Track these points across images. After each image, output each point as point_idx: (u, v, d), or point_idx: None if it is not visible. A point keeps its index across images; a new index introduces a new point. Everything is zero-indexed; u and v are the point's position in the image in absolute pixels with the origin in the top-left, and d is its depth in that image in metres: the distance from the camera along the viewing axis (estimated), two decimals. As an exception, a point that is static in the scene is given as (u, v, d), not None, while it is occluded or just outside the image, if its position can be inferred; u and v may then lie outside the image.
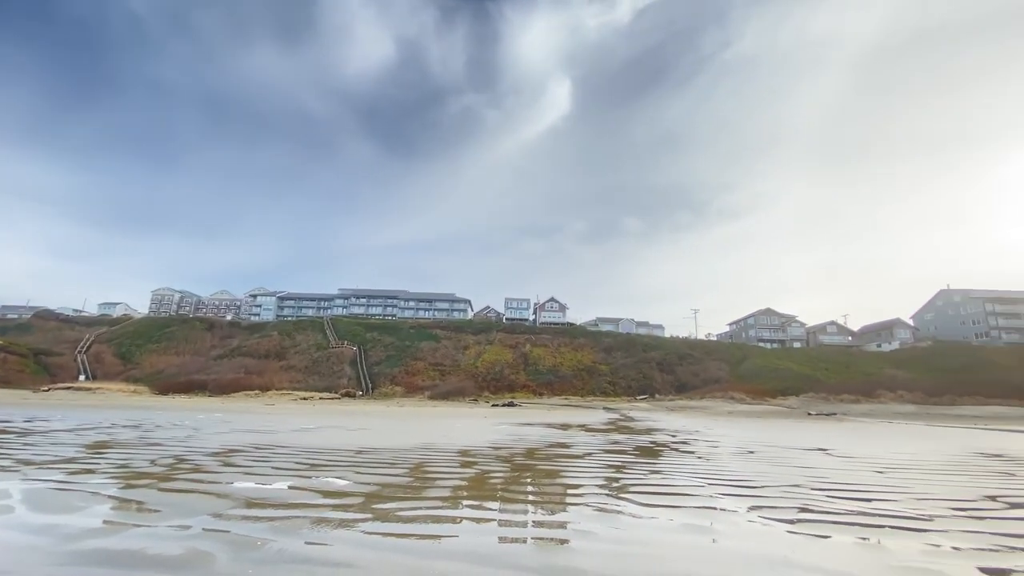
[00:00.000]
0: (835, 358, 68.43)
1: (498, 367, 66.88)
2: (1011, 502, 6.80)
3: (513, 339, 76.38)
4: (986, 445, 16.23)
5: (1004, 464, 11.16)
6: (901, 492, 7.33)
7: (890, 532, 5.09)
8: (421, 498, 6.43)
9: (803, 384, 57.88)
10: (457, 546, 4.43)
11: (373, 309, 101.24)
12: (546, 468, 9.38)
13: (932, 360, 62.62)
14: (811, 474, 9.01)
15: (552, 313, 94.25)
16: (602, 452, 12.26)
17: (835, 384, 57.29)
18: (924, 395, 52.08)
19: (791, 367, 63.61)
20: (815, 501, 6.62)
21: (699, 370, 66.62)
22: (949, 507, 6.34)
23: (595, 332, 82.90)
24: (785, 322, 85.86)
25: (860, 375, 59.52)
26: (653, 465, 10.07)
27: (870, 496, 6.99)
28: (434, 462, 9.73)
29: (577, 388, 62.63)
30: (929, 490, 7.55)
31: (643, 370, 67.03)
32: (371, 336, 75.74)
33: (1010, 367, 57.49)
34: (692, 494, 7.02)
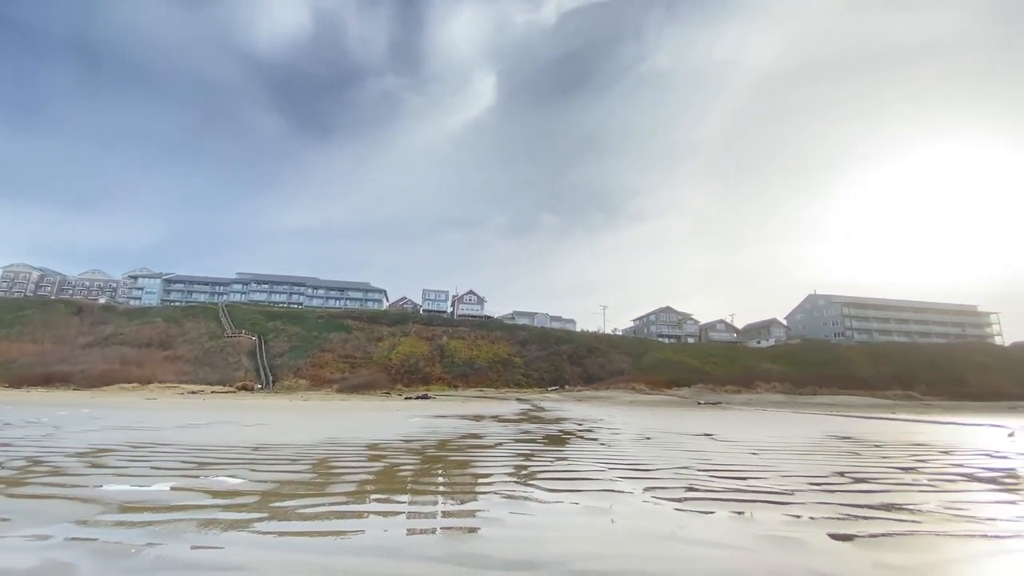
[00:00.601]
0: (722, 353, 75.64)
1: (413, 359, 65.68)
2: (856, 477, 8.00)
3: (430, 331, 75.39)
4: (838, 429, 18.93)
5: (852, 445, 13.10)
6: (770, 471, 8.34)
7: (760, 506, 5.78)
8: (325, 494, 6.17)
9: (695, 376, 63.39)
10: (363, 541, 4.33)
11: (277, 296, 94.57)
12: (457, 459, 9.43)
13: (800, 356, 71.51)
14: (698, 457, 9.95)
15: (470, 306, 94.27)
16: (513, 442, 12.56)
17: (721, 376, 63.41)
18: (792, 386, 59.38)
19: (685, 361, 69.33)
20: (700, 481, 7.32)
21: (605, 363, 70.35)
22: (807, 482, 7.33)
23: (512, 325, 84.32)
24: (682, 319, 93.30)
25: (742, 368, 66.42)
26: (560, 452, 10.51)
27: (746, 475, 7.88)
28: (340, 457, 9.37)
29: (492, 380, 63.36)
30: (792, 468, 8.67)
31: (555, 362, 69.40)
32: (274, 325, 70.74)
33: (859, 363, 67.30)
34: (594, 478, 7.44)
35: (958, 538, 4.62)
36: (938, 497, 6.43)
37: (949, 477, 8.04)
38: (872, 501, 6.10)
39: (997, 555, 4.19)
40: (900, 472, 8.47)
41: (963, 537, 4.65)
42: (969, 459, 10.49)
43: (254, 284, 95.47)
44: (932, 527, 4.95)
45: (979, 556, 4.14)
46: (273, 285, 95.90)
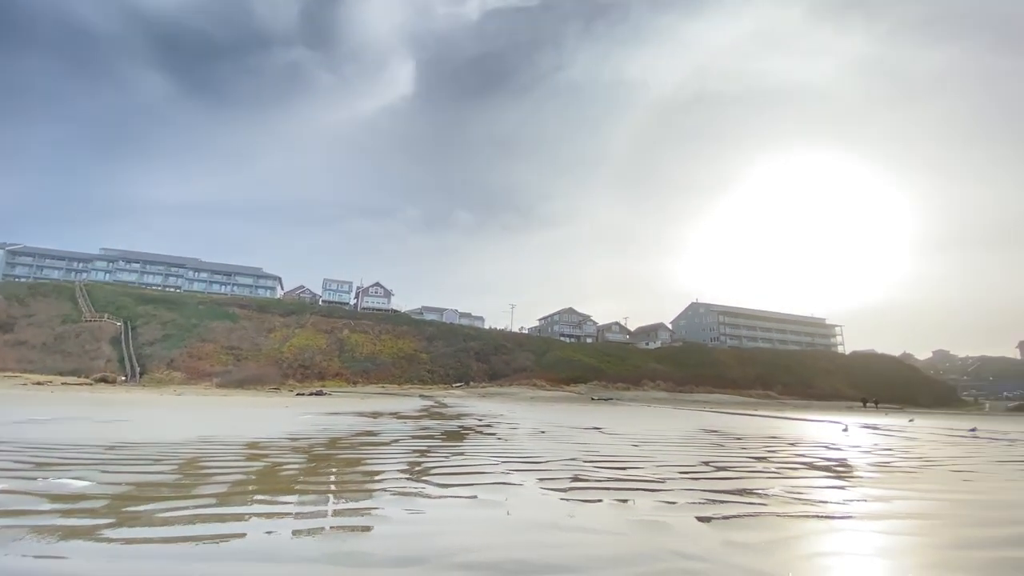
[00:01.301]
0: (616, 353, 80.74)
1: (308, 353, 61.87)
2: (718, 466, 8.96)
3: (330, 323, 71.51)
4: (709, 424, 21.09)
5: (718, 438, 14.66)
6: (648, 461, 9.07)
7: (635, 493, 6.26)
8: (190, 497, 5.59)
9: (591, 374, 66.97)
10: (230, 547, 3.98)
11: (151, 278, 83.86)
12: (348, 457, 9.05)
13: (681, 357, 78.54)
14: (586, 449, 10.53)
15: (376, 298, 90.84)
16: (410, 438, 12.34)
17: (614, 374, 67.68)
18: (674, 384, 65.06)
19: (583, 359, 72.98)
20: (586, 471, 7.75)
21: (511, 360, 71.74)
22: (678, 471, 8.07)
23: (419, 321, 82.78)
24: (582, 320, 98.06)
25: (632, 368, 71.46)
26: (457, 448, 10.53)
27: (626, 465, 8.48)
28: (213, 456, 8.54)
29: (395, 376, 61.71)
30: (667, 458, 9.50)
31: (462, 359, 69.35)
32: (144, 310, 62.72)
33: (730, 365, 75.44)
34: (488, 472, 7.55)
35: (796, 518, 5.35)
36: (783, 483, 7.42)
37: (793, 465, 9.32)
38: (729, 487, 6.88)
39: (827, 532, 4.91)
40: (754, 461, 9.66)
41: (800, 517, 5.40)
42: (811, 450, 12.25)
43: (122, 262, 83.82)
44: (775, 509, 5.69)
45: (812, 533, 4.82)
46: (146, 264, 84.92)
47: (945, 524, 5.34)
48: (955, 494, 7.08)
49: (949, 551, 4.36)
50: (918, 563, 4.05)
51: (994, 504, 6.43)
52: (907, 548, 4.46)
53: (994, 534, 4.92)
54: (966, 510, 6.05)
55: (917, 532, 5.01)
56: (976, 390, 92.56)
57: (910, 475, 8.70)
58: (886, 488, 7.31)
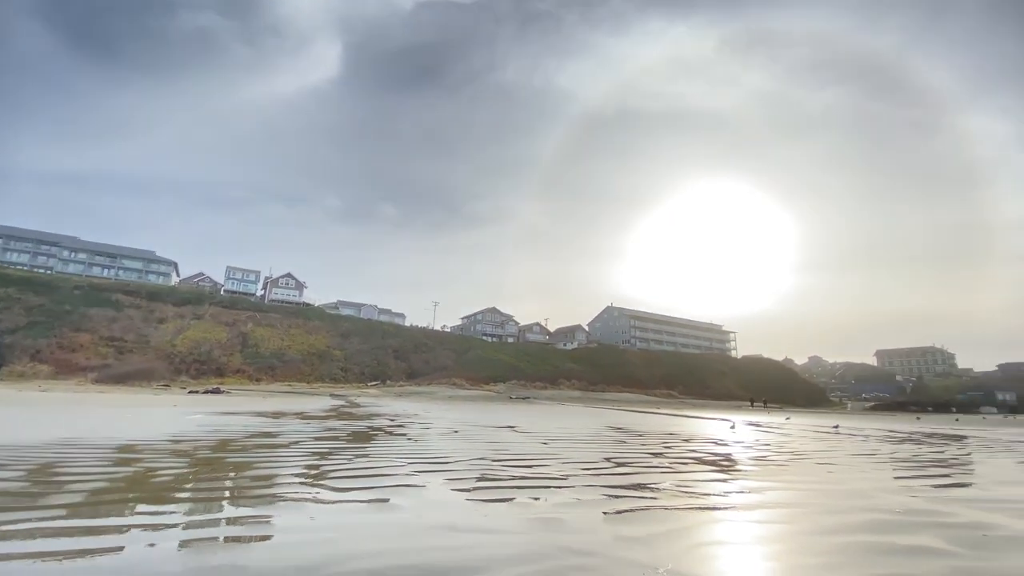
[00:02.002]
0: (535, 353, 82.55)
1: (206, 347, 56.80)
2: (618, 462, 9.36)
3: (232, 315, 66.13)
4: (615, 421, 22.13)
5: (622, 435, 15.40)
6: (555, 458, 9.28)
7: (539, 491, 6.33)
8: (34, 508, 4.82)
9: (510, 373, 67.85)
10: (80, 564, 3.45)
11: (15, 256, 72.54)
12: (237, 461, 8.31)
13: (595, 358, 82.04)
14: (497, 448, 10.57)
15: (287, 290, 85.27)
16: (312, 440, 11.65)
17: (533, 373, 69.13)
18: (587, 384, 67.75)
19: (503, 359, 73.77)
20: (493, 470, 7.74)
21: (431, 358, 70.73)
22: (582, 468, 8.32)
23: (334, 316, 78.96)
24: (504, 320, 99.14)
25: (550, 367, 73.44)
26: (363, 449, 10.09)
27: (533, 463, 8.61)
28: (74, 461, 7.47)
29: (305, 374, 58.39)
30: (573, 455, 9.78)
31: (379, 357, 67.17)
32: (5, 293, 54.09)
33: (638, 366, 79.99)
34: (392, 474, 7.29)
35: (682, 511, 5.70)
36: (674, 477, 7.91)
37: (684, 460, 9.99)
38: (626, 482, 7.20)
39: (709, 523, 5.26)
40: (651, 457, 10.23)
41: (686, 510, 5.75)
42: (701, 446, 13.22)
43: (-27, 236, 71.63)
44: (665, 502, 6.03)
45: (696, 525, 5.13)
46: (9, 240, 73.23)
47: (809, 512, 5.95)
48: (819, 484, 7.95)
49: (812, 537, 4.85)
50: (785, 549, 4.45)
51: (850, 493, 7.28)
52: (776, 535, 4.89)
53: (849, 520, 5.56)
54: (827, 499, 6.80)
55: (785, 520, 5.53)
56: (841, 391, 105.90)
57: (782, 468, 9.67)
58: (761, 480, 8.05)
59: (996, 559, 4.22)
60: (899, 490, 7.60)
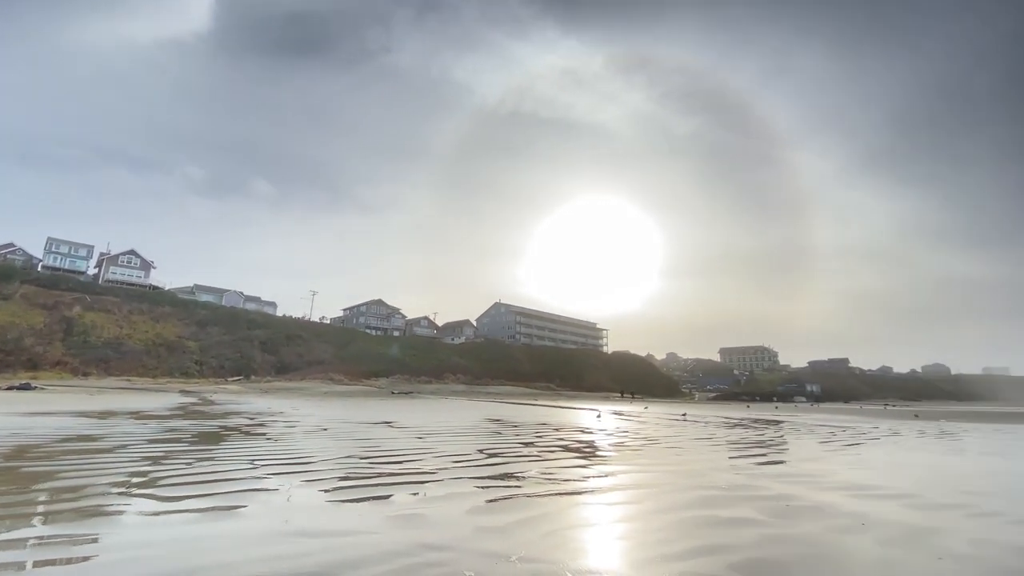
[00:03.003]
0: (422, 347, 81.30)
1: (14, 334, 46.81)
2: (491, 453, 9.50)
3: (53, 296, 55.26)
4: (495, 414, 22.59)
5: (499, 426, 15.73)
6: (428, 453, 9.12)
7: (404, 487, 6.14)
8: None
9: (395, 367, 65.97)
10: None
11: None
12: (35, 470, 6.85)
13: (481, 352, 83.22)
14: (367, 444, 10.11)
15: (129, 270, 73.06)
16: (146, 443, 10.07)
17: (418, 368, 67.95)
18: (472, 378, 68.43)
19: (388, 353, 71.47)
20: (359, 469, 7.36)
21: (305, 351, 65.93)
22: (454, 461, 8.28)
23: (189, 302, 69.76)
24: (391, 313, 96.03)
25: (436, 362, 72.83)
26: (208, 452, 8.97)
27: (405, 459, 8.36)
28: None
29: (149, 368, 50.91)
30: (448, 449, 9.71)
31: (243, 349, 60.89)
32: None
33: (521, 360, 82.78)
34: (239, 478, 6.55)
35: (544, 497, 5.91)
36: (540, 465, 8.23)
37: (552, 449, 10.48)
38: (495, 472, 7.31)
39: (568, 508, 5.50)
40: (522, 446, 10.58)
41: (548, 496, 5.98)
42: (569, 434, 14.01)
43: None
44: (528, 490, 6.21)
45: (556, 511, 5.32)
46: None
47: (655, 492, 6.55)
48: (666, 466, 8.84)
49: (655, 515, 5.32)
50: (631, 528, 4.82)
51: (689, 473, 8.18)
52: (625, 515, 5.28)
53: (686, 497, 6.22)
54: (671, 479, 7.57)
55: (634, 500, 6.01)
56: (691, 384, 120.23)
57: (637, 452, 10.61)
58: (618, 464, 8.73)
59: (795, 526, 5.01)
60: (728, 469, 8.75)
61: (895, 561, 3.98)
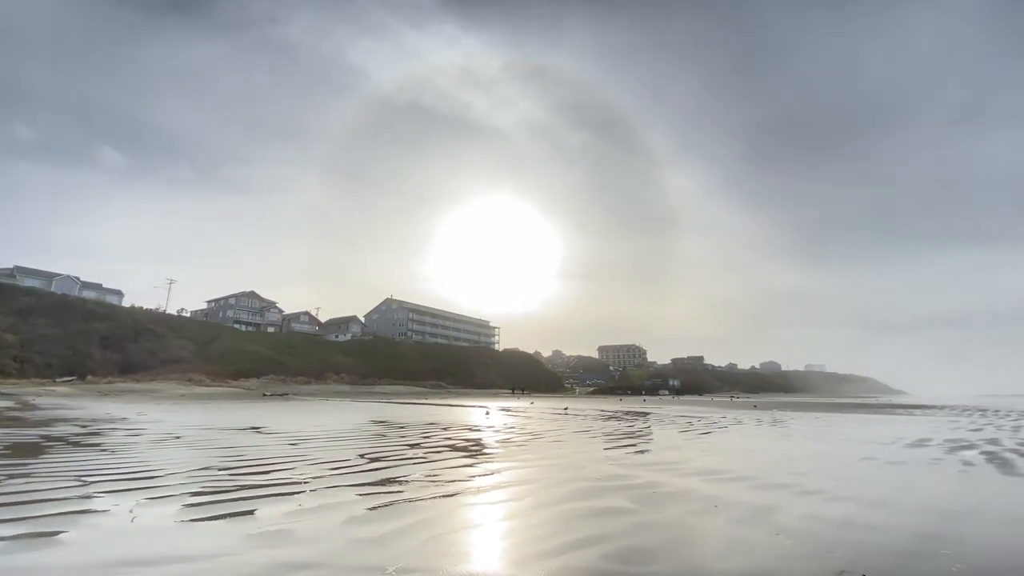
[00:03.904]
0: (302, 344, 75.68)
1: None
2: (373, 457, 9.06)
3: None
4: (380, 414, 21.75)
5: (384, 428, 15.13)
6: (301, 460, 8.43)
7: (269, 501, 5.56)
8: None
9: (268, 367, 60.52)
10: None
11: None
12: None
13: (369, 351, 79.86)
14: (229, 454, 9.06)
15: (-95, 244, 57.81)
16: (-78, 462, 7.97)
17: (296, 367, 63.09)
18: (358, 377, 65.33)
19: (260, 350, 65.34)
20: (218, 482, 6.54)
21: (159, 348, 57.78)
22: (330, 468, 7.74)
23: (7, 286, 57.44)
24: (265, 307, 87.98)
25: (318, 360, 68.27)
26: (23, 468, 7.35)
27: (272, 468, 7.62)
28: None
29: (-62, 366, 40.85)
30: (324, 455, 9.06)
31: (77, 345, 51.60)
32: None
33: (412, 358, 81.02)
34: (62, 498, 5.46)
35: (428, 501, 5.75)
36: (426, 467, 8.03)
37: (439, 449, 10.33)
38: (376, 478, 6.98)
39: (450, 511, 5.39)
40: (408, 448, 10.27)
41: (431, 499, 5.82)
42: (457, 433, 13.95)
43: None
44: (411, 495, 6.01)
45: (438, 515, 5.16)
46: None
47: (537, 487, 6.73)
48: (548, 460, 9.16)
49: (536, 510, 5.44)
50: (512, 526, 4.86)
51: (569, 466, 8.57)
52: (507, 513, 5.33)
53: (565, 490, 6.47)
54: (552, 473, 7.85)
55: (517, 497, 6.11)
56: (573, 379, 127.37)
57: (522, 448, 10.89)
58: (503, 461, 8.86)
59: (660, 512, 5.45)
60: (603, 460, 9.33)
61: (742, 539, 4.50)
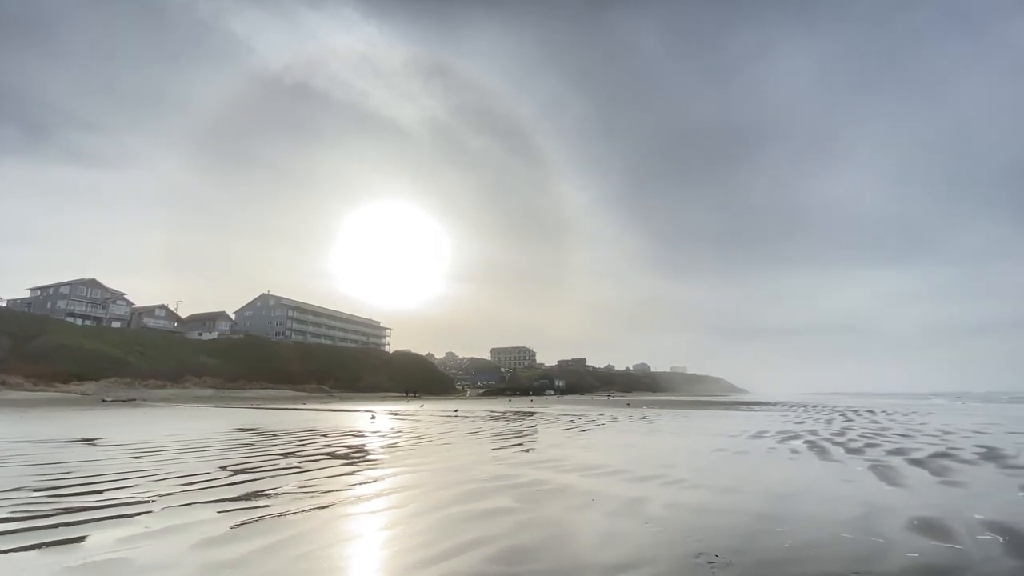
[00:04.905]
0: (156, 342, 66.14)
1: None
2: (238, 469, 8.14)
3: None
4: (250, 421, 19.74)
5: (253, 436, 13.72)
6: (146, 476, 7.28)
7: (104, 524, 4.70)
8: None
9: (110, 367, 52.01)
10: None
11: None
12: None
13: (240, 351, 72.29)
14: (51, 471, 7.54)
15: None
16: None
17: (148, 369, 55.01)
18: (225, 380, 58.80)
19: (102, 349, 55.89)
20: (30, 506, 5.38)
21: (-50, 345, 46.65)
22: (183, 483, 6.78)
23: None
24: (110, 298, 75.42)
25: (176, 361, 60.18)
26: None
27: (109, 487, 6.48)
28: None
29: None
30: (176, 469, 7.93)
31: None
32: None
33: (290, 360, 75.06)
34: None
35: (300, 514, 5.26)
36: (299, 477, 7.40)
37: (316, 457, 9.61)
38: (240, 492, 6.25)
39: (326, 524, 4.96)
40: (280, 458, 9.40)
41: (304, 512, 5.34)
42: (339, 439, 13.13)
43: None
44: (281, 508, 5.47)
45: (311, 530, 4.72)
46: None
47: (422, 492, 6.53)
48: (435, 464, 8.98)
49: (419, 516, 5.26)
50: (393, 535, 4.63)
51: (456, 468, 8.48)
52: (389, 521, 5.08)
53: (450, 494, 6.36)
54: (439, 476, 7.69)
55: (400, 504, 5.86)
56: (465, 381, 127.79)
57: (408, 452, 10.56)
58: (387, 467, 8.50)
59: (542, 509, 5.59)
60: (491, 460, 9.40)
61: (616, 531, 4.78)
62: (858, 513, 5.45)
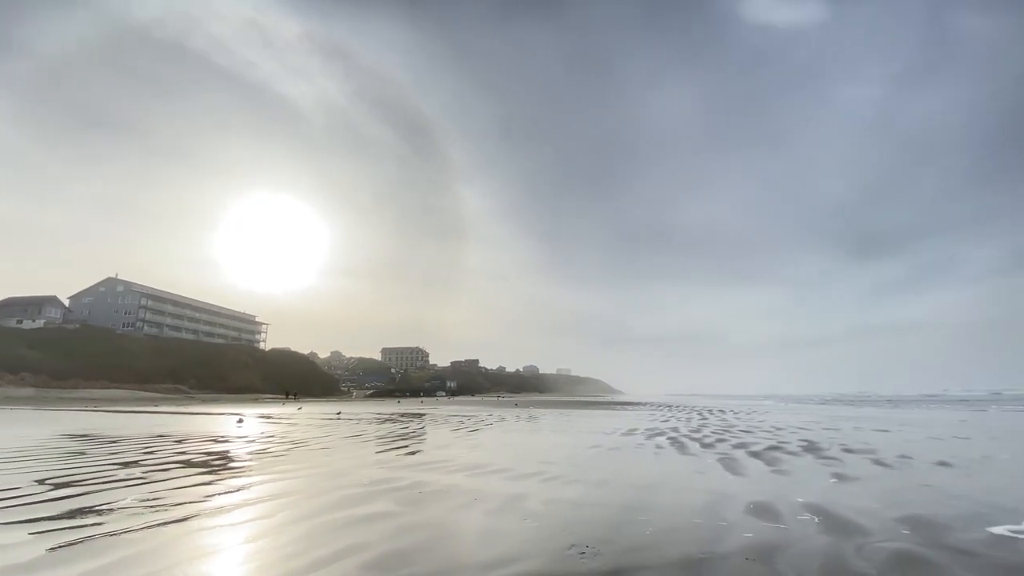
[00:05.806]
0: (-48, 331, 53.57)
1: None
2: (60, 482, 6.85)
3: None
4: (81, 426, 16.79)
5: (84, 443, 11.67)
6: (-77, 497, 5.81)
7: None
8: None
9: None
10: None
11: None
12: None
13: (75, 344, 61.37)
14: None
15: None
16: None
17: (-64, 364, 44.30)
18: (50, 378, 49.52)
19: None
20: None
21: None
22: (-21, 502, 5.54)
23: None
24: None
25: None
26: None
27: None
28: None
29: None
30: (-30, 486, 6.45)
31: None
32: None
33: (141, 356, 65.43)
34: None
35: (138, 532, 4.55)
36: (143, 489, 6.44)
37: (166, 466, 8.43)
38: (61, 509, 5.27)
39: (178, 539, 4.35)
40: (118, 468, 8.10)
41: (144, 529, 4.63)
42: (197, 446, 11.68)
43: None
44: (117, 526, 4.70)
45: (157, 546, 4.12)
46: None
47: (294, 500, 6.04)
48: (311, 469, 8.37)
49: (289, 525, 4.84)
50: (258, 548, 4.20)
51: (334, 474, 7.99)
52: (253, 534, 4.61)
53: (325, 500, 5.97)
54: (314, 483, 7.18)
55: (267, 514, 5.35)
56: (351, 382, 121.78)
57: (280, 458, 9.73)
58: (253, 475, 7.74)
59: (424, 512, 5.48)
60: (373, 464, 9.02)
61: (496, 528, 4.84)
62: (707, 500, 6.15)
